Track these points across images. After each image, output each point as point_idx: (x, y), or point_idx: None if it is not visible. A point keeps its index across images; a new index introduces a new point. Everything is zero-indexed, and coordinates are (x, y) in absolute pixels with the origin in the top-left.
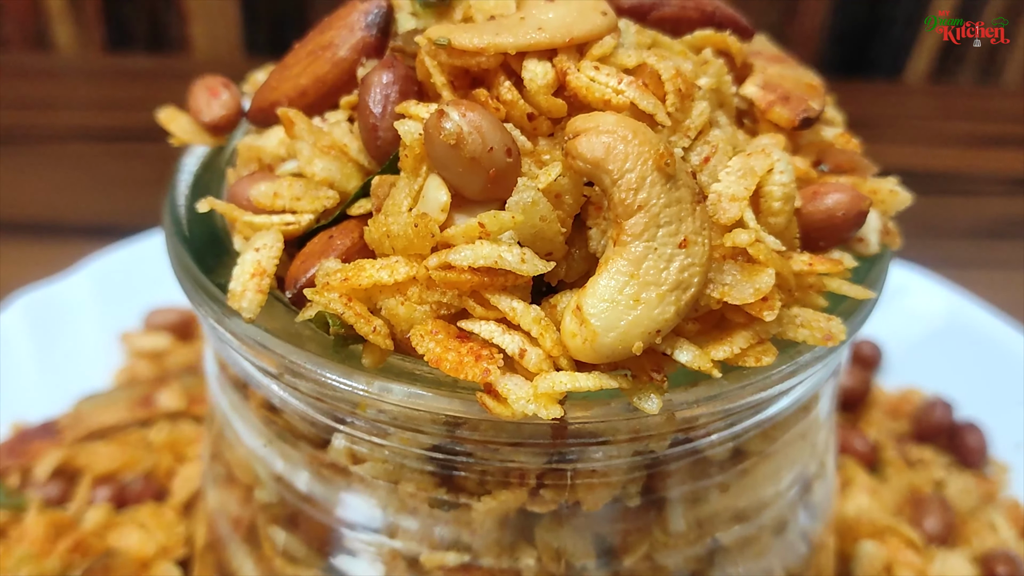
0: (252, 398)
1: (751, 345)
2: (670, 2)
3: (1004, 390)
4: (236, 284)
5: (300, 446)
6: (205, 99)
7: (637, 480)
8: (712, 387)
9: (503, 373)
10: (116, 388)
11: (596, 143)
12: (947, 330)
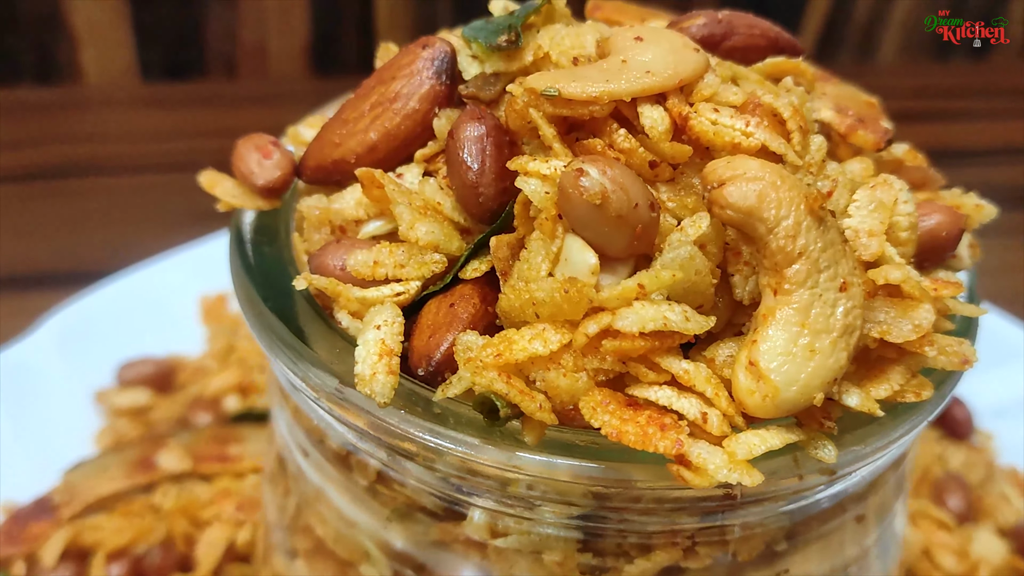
0: (360, 472)
1: (907, 380)
2: (738, 30)
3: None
4: (364, 367)
5: (424, 520)
6: (256, 160)
7: (786, 525)
8: (882, 429)
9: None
10: (104, 453)
11: (747, 191)
12: None
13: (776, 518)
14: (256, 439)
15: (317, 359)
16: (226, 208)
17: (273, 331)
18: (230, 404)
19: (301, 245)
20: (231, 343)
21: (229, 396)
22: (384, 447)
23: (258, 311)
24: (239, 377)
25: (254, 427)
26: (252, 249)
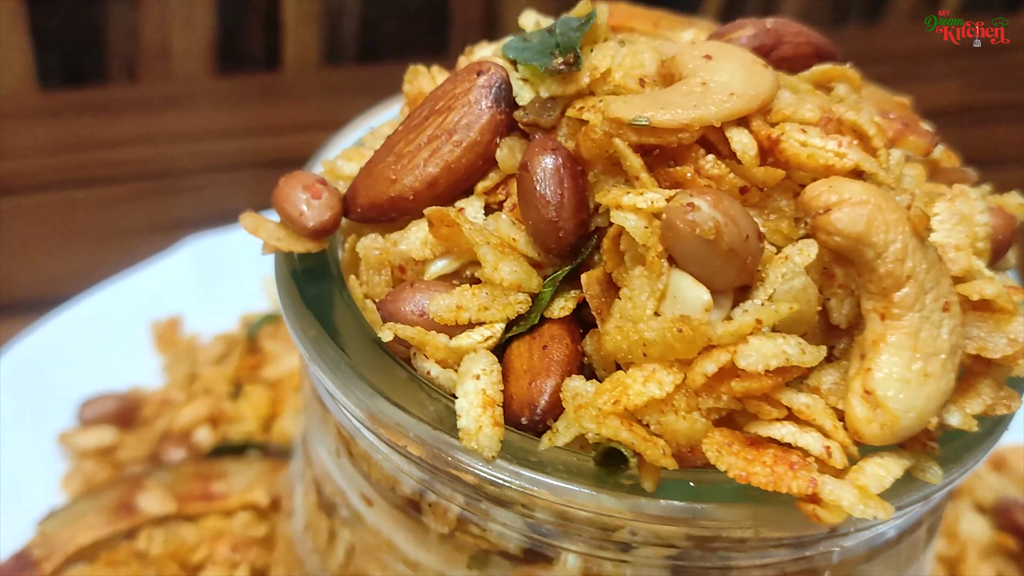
0: (439, 519)
1: (996, 393)
2: (786, 39)
3: None
4: (468, 421)
5: (503, 564)
6: (305, 200)
7: (865, 551)
8: (978, 444)
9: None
10: (77, 499)
11: (856, 216)
12: None
13: (862, 544)
14: (240, 474)
15: (414, 415)
16: (270, 252)
17: (357, 385)
18: (202, 437)
19: (359, 288)
20: (192, 371)
21: (200, 429)
22: (481, 497)
23: (336, 364)
24: (208, 408)
25: (235, 461)
26: (305, 294)
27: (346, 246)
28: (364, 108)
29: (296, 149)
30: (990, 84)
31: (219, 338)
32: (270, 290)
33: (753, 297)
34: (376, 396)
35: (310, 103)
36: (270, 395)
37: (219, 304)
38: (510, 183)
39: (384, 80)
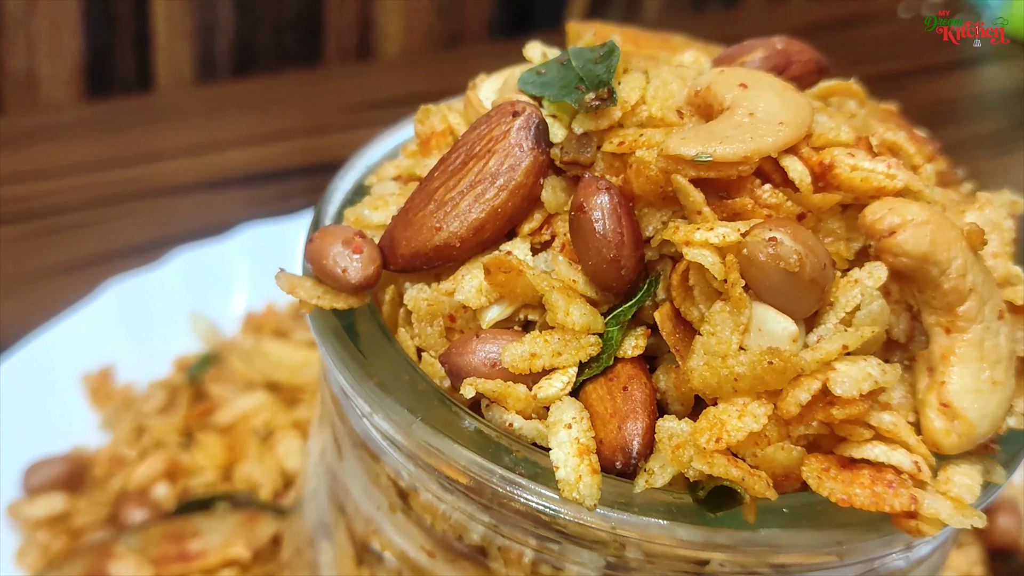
0: (506, 562)
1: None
2: (795, 58)
3: None
4: (567, 472)
5: None
6: (346, 256)
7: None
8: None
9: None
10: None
11: (921, 236)
12: None
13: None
14: (214, 529)
15: (512, 469)
16: (309, 310)
17: (436, 439)
18: (161, 493)
19: (410, 340)
20: (138, 424)
21: (158, 485)
22: (565, 540)
23: (406, 418)
24: (163, 462)
25: (205, 516)
26: (353, 353)
27: (386, 298)
28: (244, 125)
29: (178, 174)
30: (845, 59)
31: (156, 385)
32: (200, 329)
33: (824, 322)
34: (462, 449)
35: (187, 124)
36: (225, 441)
37: (149, 349)
38: (554, 223)
39: (261, 94)
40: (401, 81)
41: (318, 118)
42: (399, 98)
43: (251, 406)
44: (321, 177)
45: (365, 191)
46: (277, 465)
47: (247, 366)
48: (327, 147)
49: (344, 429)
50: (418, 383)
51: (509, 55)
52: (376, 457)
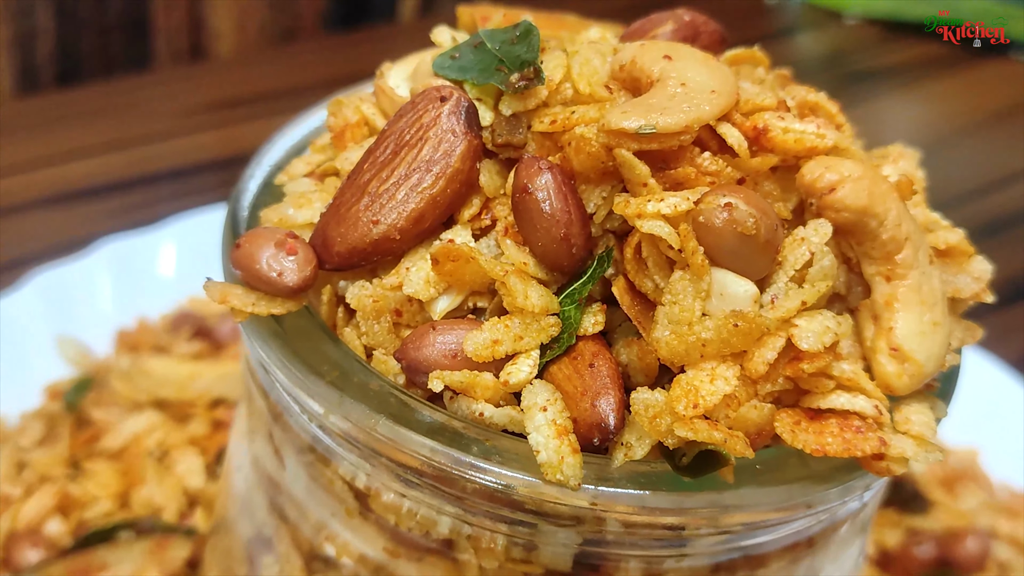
0: (477, 553)
1: (963, 330)
2: (701, 28)
3: None
4: (548, 455)
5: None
6: (280, 258)
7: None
8: (955, 377)
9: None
10: None
11: (859, 191)
12: None
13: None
14: (122, 560)
15: (489, 459)
16: (244, 319)
17: (407, 437)
18: (54, 529)
19: (357, 340)
20: (18, 459)
21: (50, 521)
22: (545, 522)
23: (369, 418)
24: (52, 496)
25: (109, 548)
26: (302, 354)
27: (323, 299)
28: (77, 137)
29: (14, 193)
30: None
31: (30, 416)
32: (68, 353)
33: (776, 281)
34: (434, 443)
35: (14, 140)
36: (117, 467)
37: (16, 379)
38: (493, 206)
39: (91, 102)
40: (238, 81)
41: (155, 124)
42: (238, 98)
43: (141, 427)
44: (167, 185)
45: (275, 191)
46: (179, 485)
47: (129, 386)
48: (168, 154)
49: (286, 437)
50: (370, 382)
51: (346, 49)
52: (327, 461)
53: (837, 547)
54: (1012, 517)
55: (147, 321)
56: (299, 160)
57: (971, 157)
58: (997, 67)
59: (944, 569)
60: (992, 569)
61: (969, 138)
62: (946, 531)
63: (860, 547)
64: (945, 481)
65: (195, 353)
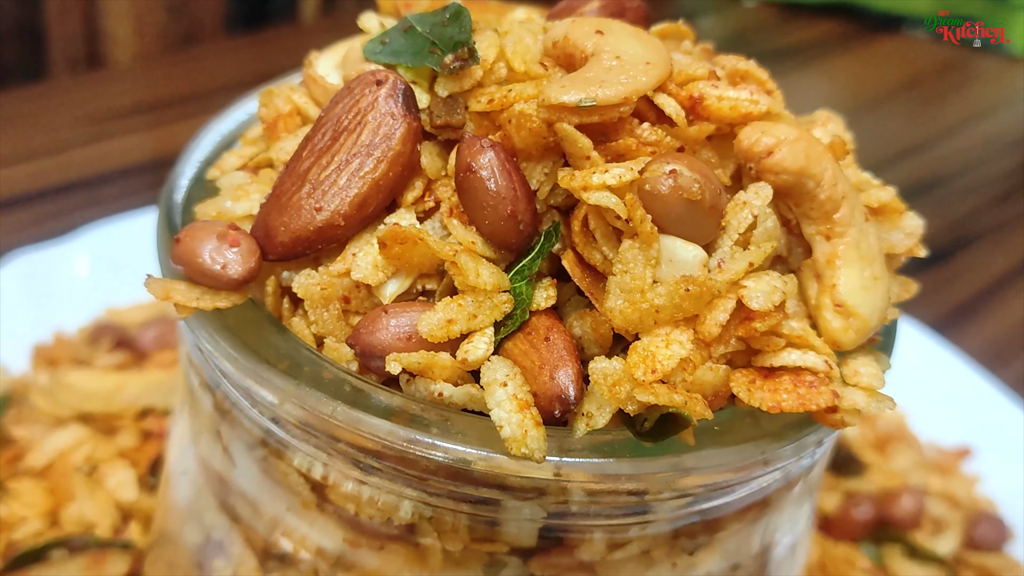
0: (441, 536)
1: (899, 284)
2: (628, 5)
3: None
4: (512, 429)
5: (516, 564)
6: (223, 251)
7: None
8: (895, 330)
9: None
10: None
11: (797, 153)
12: None
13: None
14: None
15: (454, 438)
16: (188, 315)
17: (367, 422)
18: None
19: (307, 329)
20: None
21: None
22: (509, 497)
23: (324, 408)
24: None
25: (42, 568)
26: (252, 349)
27: (268, 290)
28: None
29: None
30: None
31: None
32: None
33: (720, 245)
34: (395, 427)
35: None
36: (44, 485)
37: None
38: (435, 188)
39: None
40: (140, 87)
41: (57, 134)
42: (140, 105)
43: (67, 443)
44: (75, 196)
45: (208, 186)
46: (110, 499)
47: (51, 402)
48: (74, 163)
49: (235, 433)
50: (323, 370)
51: (249, 50)
52: (280, 454)
53: (792, 507)
54: (942, 474)
55: (64, 335)
56: (230, 154)
57: (872, 131)
58: (892, 43)
59: (882, 528)
60: (927, 525)
61: (869, 112)
62: (881, 491)
63: (811, 507)
64: (877, 443)
65: (118, 364)
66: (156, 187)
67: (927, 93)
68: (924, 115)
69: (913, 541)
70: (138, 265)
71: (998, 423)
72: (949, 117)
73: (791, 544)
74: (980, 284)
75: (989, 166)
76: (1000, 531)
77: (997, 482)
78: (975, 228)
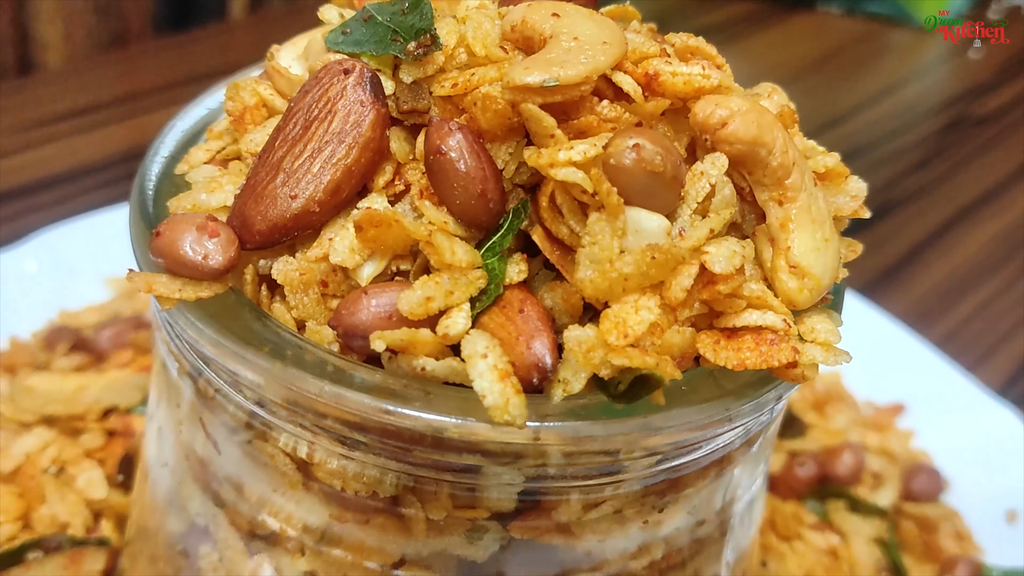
0: (425, 506)
1: (845, 246)
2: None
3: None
4: (494, 398)
5: (497, 529)
6: (203, 242)
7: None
8: (843, 288)
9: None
10: None
11: (749, 123)
12: None
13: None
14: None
15: (446, 412)
16: (171, 306)
17: (359, 398)
18: None
19: (288, 314)
20: None
21: None
22: (491, 463)
23: (312, 388)
24: None
25: (21, 570)
26: (238, 335)
27: (247, 278)
28: None
29: None
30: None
31: None
32: None
33: (680, 215)
34: (383, 403)
35: None
36: (13, 489)
37: None
38: (404, 172)
39: None
40: (73, 90)
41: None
42: (74, 109)
43: (33, 446)
44: (15, 203)
45: (176, 180)
46: (81, 499)
47: (13, 407)
48: (10, 171)
49: (218, 420)
50: (306, 352)
51: (180, 49)
52: (265, 436)
53: (751, 464)
54: (879, 430)
55: (19, 340)
56: (197, 148)
57: None
58: (807, 19)
59: (825, 484)
60: (867, 479)
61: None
62: (823, 450)
63: (766, 466)
64: (816, 404)
65: (77, 366)
66: (98, 189)
67: (842, 66)
68: (841, 88)
69: (855, 495)
70: (87, 267)
71: (928, 379)
72: (865, 89)
73: (750, 500)
74: (902, 248)
75: (905, 136)
76: (936, 482)
77: (930, 435)
78: (895, 195)
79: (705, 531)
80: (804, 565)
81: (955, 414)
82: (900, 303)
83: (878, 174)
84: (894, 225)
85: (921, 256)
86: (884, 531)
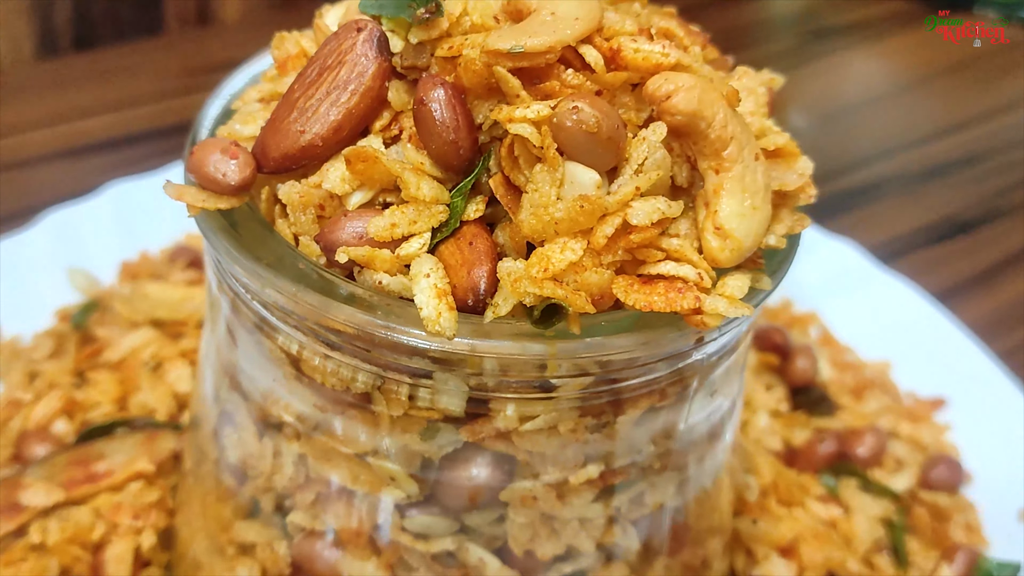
0: (387, 403)
1: (792, 218)
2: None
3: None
4: (429, 311)
5: (449, 430)
6: (224, 162)
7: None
8: (787, 258)
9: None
10: None
11: (690, 98)
12: None
13: (717, 351)
14: (117, 451)
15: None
16: (196, 213)
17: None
18: (60, 428)
19: (287, 228)
20: (31, 370)
21: (57, 421)
22: (436, 370)
23: (292, 293)
24: (59, 400)
25: (107, 441)
26: (242, 239)
27: (262, 197)
28: (93, 96)
29: (33, 146)
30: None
31: (42, 335)
32: (78, 282)
33: (623, 173)
34: (345, 307)
35: (35, 98)
36: (116, 376)
37: (31, 305)
38: (401, 119)
39: (106, 64)
40: (242, 43)
41: (165, 84)
42: (242, 59)
43: (138, 342)
44: (174, 139)
45: (232, 114)
46: (169, 390)
47: (129, 308)
48: (176, 110)
49: (238, 320)
50: (299, 263)
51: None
52: (270, 335)
53: (697, 404)
54: (914, 420)
55: (148, 253)
56: (252, 88)
57: (926, 106)
58: None
59: (842, 463)
60: (888, 464)
61: (924, 89)
62: (847, 429)
63: (727, 412)
64: (855, 390)
65: (189, 280)
66: None
67: (985, 71)
68: (978, 92)
69: (870, 476)
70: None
71: (976, 381)
72: (1005, 95)
73: (704, 441)
74: (997, 256)
75: None
76: (957, 474)
77: (965, 432)
78: (1002, 204)
79: (644, 459)
80: (795, 529)
81: (996, 419)
82: (981, 307)
83: (990, 181)
84: (994, 233)
85: (1014, 266)
86: (893, 513)
